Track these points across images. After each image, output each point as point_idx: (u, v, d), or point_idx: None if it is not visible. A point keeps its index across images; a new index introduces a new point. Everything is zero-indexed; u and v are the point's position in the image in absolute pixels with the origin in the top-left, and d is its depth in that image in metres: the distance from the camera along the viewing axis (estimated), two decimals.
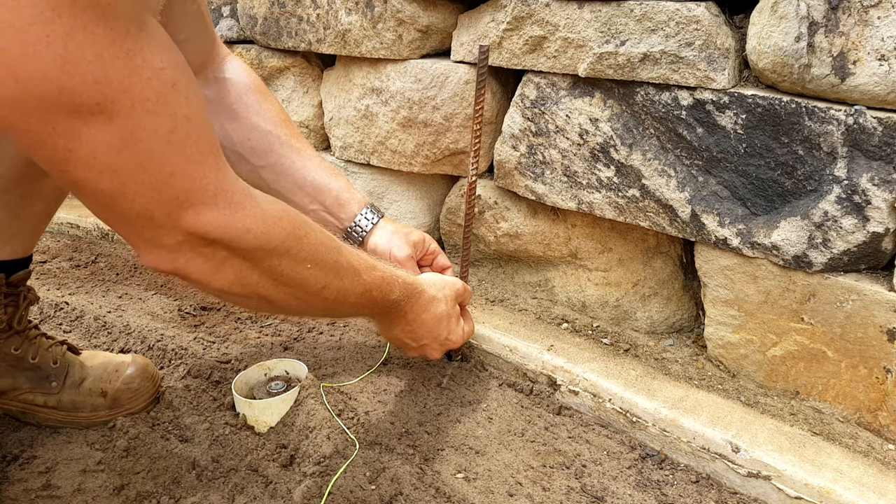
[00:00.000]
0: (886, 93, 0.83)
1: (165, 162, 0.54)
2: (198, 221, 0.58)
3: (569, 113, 1.11)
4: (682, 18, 0.94)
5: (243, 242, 0.61)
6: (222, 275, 0.63)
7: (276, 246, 0.65)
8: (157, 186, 0.54)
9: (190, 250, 0.60)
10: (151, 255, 0.60)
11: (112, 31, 0.48)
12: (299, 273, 0.69)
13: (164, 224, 0.57)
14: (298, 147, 1.02)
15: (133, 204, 0.55)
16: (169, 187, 0.55)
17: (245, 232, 0.61)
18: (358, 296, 0.78)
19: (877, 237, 0.88)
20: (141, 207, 0.55)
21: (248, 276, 0.65)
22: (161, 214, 0.56)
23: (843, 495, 0.81)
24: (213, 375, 1.08)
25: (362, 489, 0.85)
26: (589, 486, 0.89)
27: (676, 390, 1.02)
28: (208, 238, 0.59)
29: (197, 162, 0.57)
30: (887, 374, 0.91)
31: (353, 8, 1.28)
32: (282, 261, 0.66)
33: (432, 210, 1.47)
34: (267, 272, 0.66)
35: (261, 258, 0.64)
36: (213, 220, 0.58)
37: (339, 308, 0.80)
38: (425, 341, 0.95)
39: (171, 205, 0.56)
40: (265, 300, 0.70)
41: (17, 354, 0.91)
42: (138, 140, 0.52)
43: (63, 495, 0.82)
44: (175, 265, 0.60)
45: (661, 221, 1.07)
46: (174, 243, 0.58)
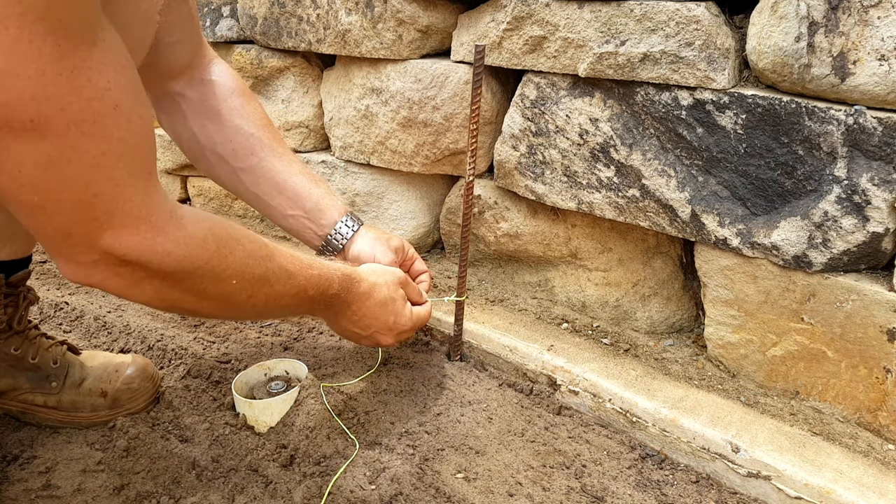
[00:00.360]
0: (886, 93, 0.83)
1: (90, 184, 0.54)
2: (115, 243, 0.57)
3: (569, 113, 1.11)
4: (682, 18, 0.94)
5: (163, 266, 0.61)
6: (140, 291, 0.63)
7: (197, 267, 0.64)
8: (77, 207, 0.54)
9: (106, 269, 0.59)
10: (67, 268, 0.60)
11: (59, 48, 0.47)
12: (223, 289, 0.69)
13: (81, 243, 0.57)
14: (280, 151, 1.02)
15: (52, 220, 0.55)
16: (90, 208, 0.55)
17: (165, 256, 0.61)
18: (292, 297, 0.79)
19: (877, 237, 0.88)
20: (59, 224, 0.55)
21: (168, 293, 0.65)
22: (78, 233, 0.56)
23: (843, 495, 0.81)
24: (213, 375, 1.08)
25: (362, 489, 0.85)
26: (589, 486, 0.89)
27: (676, 390, 1.02)
28: (125, 259, 0.59)
29: (123, 185, 0.56)
30: (887, 374, 0.91)
31: (353, 8, 1.28)
32: (203, 280, 0.66)
33: (432, 210, 1.47)
34: (188, 290, 0.66)
35: (181, 279, 0.64)
36: (132, 244, 0.58)
37: (273, 310, 0.81)
38: (373, 328, 0.94)
39: (90, 225, 0.56)
40: (189, 312, 0.72)
41: (17, 354, 0.91)
42: (66, 160, 0.51)
43: (63, 495, 0.82)
44: (91, 280, 0.60)
45: (661, 221, 1.07)
46: (89, 261, 0.58)
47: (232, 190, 1.06)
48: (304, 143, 1.56)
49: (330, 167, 1.49)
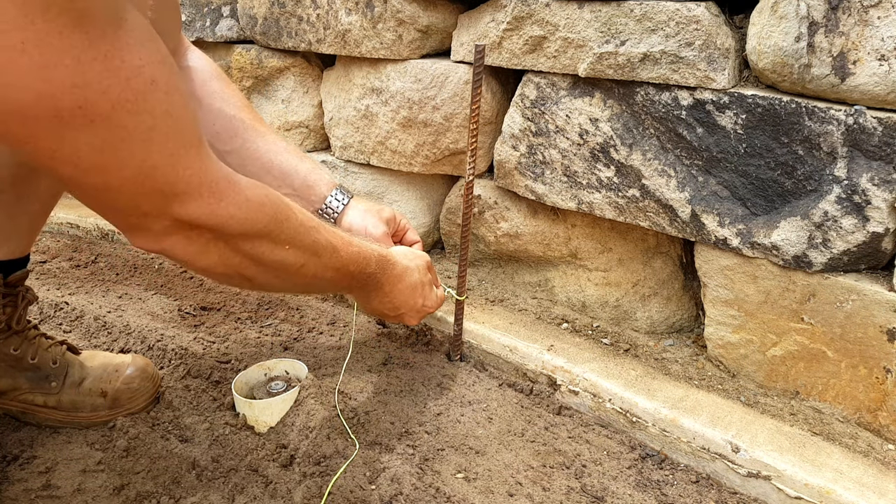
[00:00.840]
0: (886, 93, 0.83)
1: (147, 158, 0.56)
2: (183, 211, 0.60)
3: (569, 113, 1.11)
4: (682, 18, 0.94)
5: (227, 228, 0.64)
6: (207, 256, 0.66)
7: (258, 230, 0.68)
8: (140, 180, 0.56)
9: (176, 233, 0.62)
10: (140, 238, 0.63)
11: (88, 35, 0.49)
12: (279, 255, 0.72)
13: (151, 213, 0.60)
14: (263, 131, 1.04)
15: (120, 197, 0.57)
16: (152, 180, 0.57)
17: (229, 218, 0.64)
18: (336, 270, 0.81)
19: (877, 237, 0.88)
20: (128, 200, 0.58)
21: (230, 257, 0.68)
22: (147, 205, 0.59)
23: (843, 495, 0.81)
24: (213, 375, 1.08)
25: (362, 489, 0.85)
26: (589, 486, 0.89)
27: (676, 390, 1.02)
28: (194, 224, 0.62)
29: (178, 155, 0.58)
30: (887, 374, 0.91)
31: (353, 8, 1.28)
32: (262, 244, 0.69)
33: (432, 210, 1.47)
34: (248, 255, 0.69)
35: (243, 242, 0.67)
36: (198, 209, 0.61)
37: (318, 283, 0.83)
38: (403, 310, 0.98)
39: (156, 196, 0.58)
40: (247, 279, 0.73)
41: (16, 355, 0.91)
42: (119, 139, 0.53)
43: (63, 495, 0.82)
44: (162, 246, 0.63)
45: (661, 221, 1.07)
46: (161, 228, 0.61)
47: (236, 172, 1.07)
48: (304, 143, 1.56)
49: (330, 167, 1.49)
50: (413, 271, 0.98)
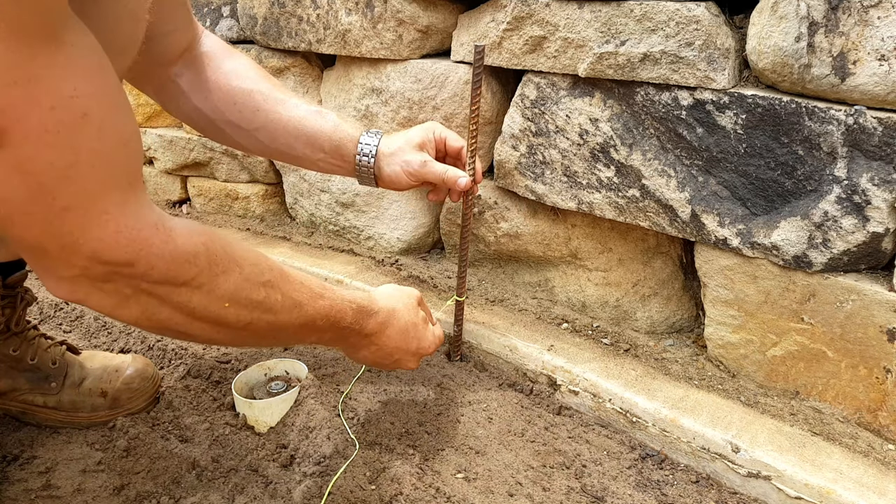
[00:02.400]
0: (886, 93, 0.83)
1: (59, 196, 0.50)
2: (94, 258, 0.54)
3: (569, 113, 1.11)
4: (682, 18, 0.94)
5: (146, 279, 0.58)
6: (127, 310, 0.60)
7: (184, 282, 0.60)
8: (48, 220, 0.51)
9: (89, 285, 0.56)
10: (50, 283, 0.57)
11: (14, 54, 0.44)
12: (215, 311, 0.64)
13: (58, 257, 0.54)
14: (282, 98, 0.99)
15: (25, 234, 0.52)
16: (61, 222, 0.51)
17: (148, 269, 0.57)
18: (299, 327, 0.74)
19: (877, 237, 0.88)
20: (32, 239, 0.53)
21: (156, 311, 0.61)
22: (54, 248, 0.53)
23: (843, 495, 0.81)
24: (213, 375, 1.08)
25: (362, 489, 0.85)
26: (589, 486, 0.89)
27: (676, 390, 1.02)
28: (106, 275, 0.56)
29: (97, 197, 0.53)
30: (887, 374, 0.91)
31: (353, 8, 1.28)
32: (192, 297, 0.62)
33: (432, 210, 1.46)
34: (178, 308, 0.62)
35: (167, 294, 0.60)
36: (110, 257, 0.55)
37: (278, 339, 0.77)
38: (397, 356, 0.91)
39: (64, 239, 0.52)
40: (182, 334, 0.66)
41: (15, 355, 0.91)
42: (29, 172, 0.48)
43: (63, 495, 0.82)
44: (75, 297, 0.57)
45: (661, 221, 1.07)
46: (70, 276, 0.55)
47: (261, 154, 1.05)
48: None
49: None
50: (401, 313, 0.90)
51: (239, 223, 1.75)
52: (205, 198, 1.83)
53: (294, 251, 1.52)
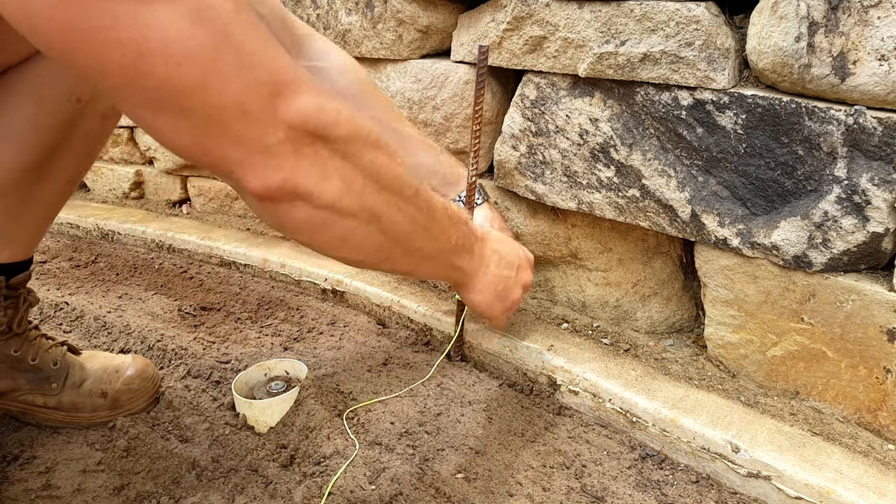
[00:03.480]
0: (886, 93, 0.83)
1: (241, 42, 0.49)
2: (292, 108, 0.52)
3: (569, 113, 1.11)
4: (682, 18, 0.94)
5: (339, 129, 0.56)
6: (329, 181, 0.57)
7: (367, 133, 0.59)
8: (240, 70, 0.49)
9: (293, 151, 0.54)
10: (257, 169, 0.53)
11: None
12: (394, 170, 0.63)
13: (261, 117, 0.51)
14: (407, 133, 0.99)
15: (222, 96, 0.49)
16: (253, 70, 0.50)
17: (337, 115, 0.56)
18: (442, 210, 0.73)
19: (877, 237, 0.88)
20: (232, 99, 0.50)
21: (353, 178, 0.59)
22: (254, 103, 0.51)
23: (843, 495, 0.81)
24: (213, 375, 1.08)
25: (362, 489, 0.85)
26: (589, 486, 0.89)
27: (676, 390, 1.02)
28: (307, 128, 0.54)
29: (270, 44, 0.52)
30: (887, 374, 0.91)
31: (353, 8, 1.28)
32: (378, 154, 0.61)
33: None
34: (367, 170, 0.60)
35: (357, 152, 0.59)
36: (306, 104, 0.53)
37: (433, 229, 0.73)
38: (517, 262, 0.90)
39: (261, 90, 0.51)
40: (373, 217, 0.63)
41: (17, 356, 0.91)
42: (207, 19, 0.47)
43: (63, 495, 0.82)
44: (282, 174, 0.54)
45: (661, 221, 1.07)
46: (276, 142, 0.53)
47: None
48: None
49: None
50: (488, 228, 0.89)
51: (239, 223, 1.75)
52: (205, 198, 1.83)
53: (294, 251, 1.52)
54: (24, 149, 0.81)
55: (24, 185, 0.83)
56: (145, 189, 1.96)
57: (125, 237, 1.70)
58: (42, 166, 0.83)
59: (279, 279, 1.47)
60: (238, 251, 1.53)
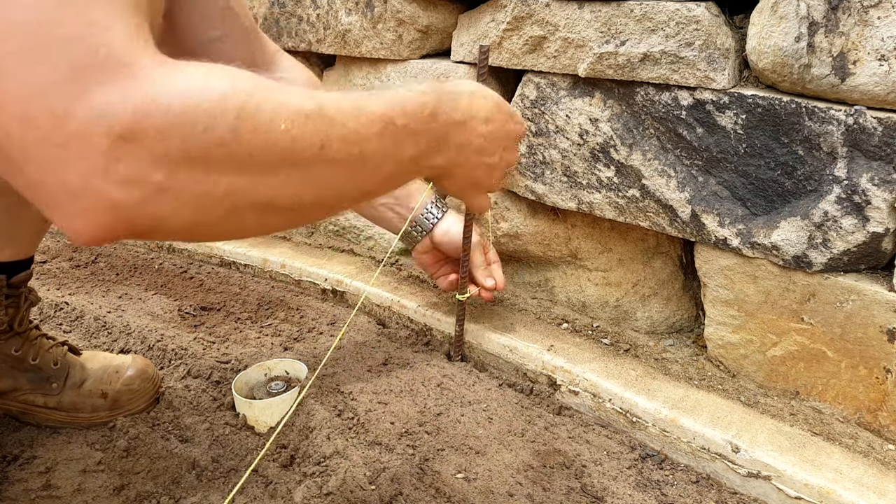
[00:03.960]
0: (886, 93, 0.83)
1: (57, 20, 0.38)
2: (93, 104, 0.38)
3: (569, 113, 1.11)
4: (682, 18, 0.94)
5: (161, 126, 0.39)
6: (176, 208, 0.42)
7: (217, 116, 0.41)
8: (29, 56, 0.37)
9: (107, 179, 0.39)
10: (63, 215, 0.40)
11: None
12: (275, 141, 0.44)
13: (51, 130, 0.37)
14: None
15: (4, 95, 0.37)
16: (59, 54, 0.38)
17: (166, 110, 0.39)
18: (380, 135, 0.53)
19: (877, 237, 0.88)
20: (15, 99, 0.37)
21: (211, 187, 0.43)
22: (39, 109, 0.37)
23: (843, 495, 0.81)
24: (213, 375, 1.08)
25: (362, 489, 0.85)
26: (589, 486, 0.89)
27: (676, 390, 1.02)
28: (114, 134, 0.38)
29: (102, 26, 0.39)
30: (887, 374, 0.91)
31: (353, 8, 1.28)
32: (239, 136, 0.42)
33: None
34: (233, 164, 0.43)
35: (207, 144, 0.41)
36: (115, 97, 0.38)
37: (368, 167, 0.54)
38: (502, 143, 0.71)
39: (53, 90, 0.37)
40: (261, 209, 0.47)
41: (17, 356, 0.91)
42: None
43: (63, 495, 0.82)
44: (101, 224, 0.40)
45: (661, 222, 1.07)
46: (81, 173, 0.38)
47: None
48: None
49: None
50: (478, 90, 0.69)
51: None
52: None
53: (294, 251, 1.52)
54: None
55: None
56: None
57: None
58: None
59: (279, 279, 1.47)
60: (238, 251, 1.53)
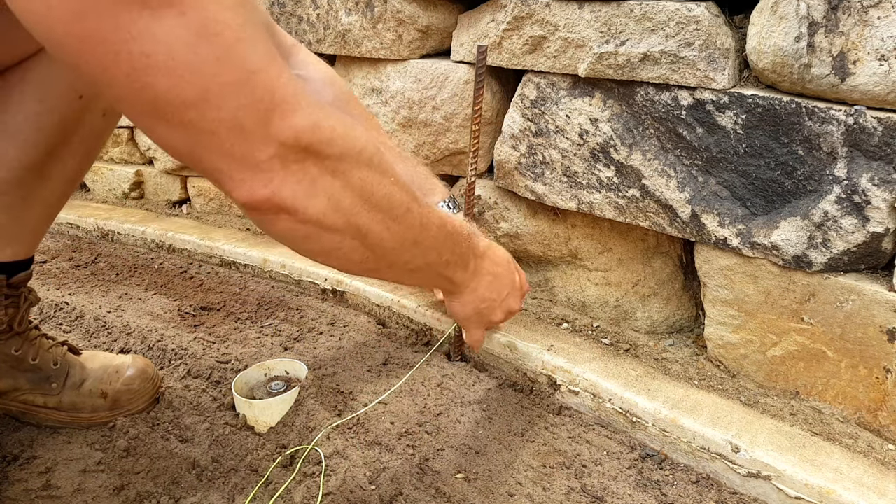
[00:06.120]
0: (886, 93, 0.83)
1: (245, 57, 0.50)
2: (286, 125, 0.53)
3: (569, 113, 1.11)
4: (682, 18, 0.94)
5: (331, 147, 0.57)
6: (315, 199, 0.58)
7: (360, 151, 0.60)
8: (240, 86, 0.50)
9: (282, 168, 0.55)
10: (245, 182, 0.55)
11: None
12: (386, 187, 0.64)
13: (255, 134, 0.52)
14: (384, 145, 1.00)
15: (220, 112, 0.50)
16: (252, 87, 0.51)
17: (332, 132, 0.57)
18: (438, 226, 0.73)
19: (877, 237, 0.88)
20: (229, 115, 0.51)
21: (341, 197, 0.60)
22: (250, 121, 0.52)
23: (843, 495, 0.81)
24: (213, 375, 1.08)
25: (362, 489, 0.85)
26: (589, 486, 0.89)
27: (676, 390, 1.02)
28: (299, 146, 0.55)
29: (270, 60, 0.52)
30: (887, 374, 0.91)
31: (353, 8, 1.28)
32: (369, 173, 0.62)
33: None
34: (357, 189, 0.61)
35: (348, 170, 0.60)
36: (302, 121, 0.54)
37: (423, 245, 0.73)
38: (507, 290, 0.90)
39: (258, 107, 0.52)
40: (359, 234, 0.64)
41: (17, 355, 0.91)
42: (213, 34, 0.48)
43: (63, 495, 0.82)
44: (270, 188, 0.55)
45: (661, 221, 1.07)
46: (266, 158, 0.54)
47: None
48: None
49: None
50: (494, 244, 0.89)
51: (239, 223, 1.75)
52: (205, 198, 1.83)
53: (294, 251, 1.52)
54: (27, 147, 0.81)
55: (26, 184, 0.83)
56: (145, 189, 1.96)
57: (125, 237, 1.70)
58: (44, 164, 0.83)
59: (279, 279, 1.47)
60: (238, 251, 1.53)
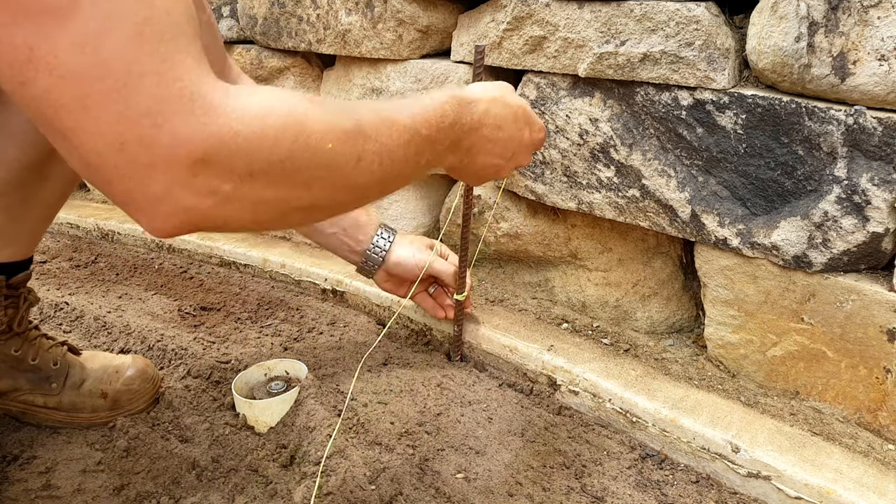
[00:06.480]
0: (886, 93, 0.83)
1: (135, 59, 0.44)
2: (175, 137, 0.45)
3: (569, 113, 1.11)
4: (682, 18, 0.94)
5: (238, 154, 0.48)
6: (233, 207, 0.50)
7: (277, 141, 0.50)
8: (123, 95, 0.43)
9: (182, 186, 0.46)
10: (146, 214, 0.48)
11: None
12: (323, 158, 0.54)
13: (140, 152, 0.45)
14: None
15: (99, 123, 0.44)
16: (137, 94, 0.44)
17: (234, 136, 0.47)
18: (406, 145, 0.63)
19: (877, 237, 0.88)
20: (109, 128, 0.44)
21: (266, 193, 0.51)
22: (133, 140, 0.44)
23: (843, 495, 0.81)
24: (213, 375, 1.08)
25: (362, 489, 0.85)
26: (589, 486, 0.89)
27: (676, 390, 1.02)
28: (193, 159, 0.46)
29: (172, 62, 0.46)
30: (887, 374, 0.91)
31: (353, 8, 1.28)
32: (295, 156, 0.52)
33: (432, 210, 1.47)
34: (286, 180, 0.52)
35: (270, 167, 0.50)
36: (191, 130, 0.45)
37: (392, 172, 0.63)
38: (513, 149, 0.80)
39: (143, 122, 0.44)
40: (305, 210, 0.57)
41: (17, 356, 0.91)
42: (107, 30, 0.43)
43: (63, 495, 0.82)
44: (176, 219, 0.48)
45: (661, 221, 1.07)
46: (163, 186, 0.46)
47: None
48: None
49: None
50: (499, 98, 0.78)
51: None
52: None
53: (294, 251, 1.52)
54: (27, 147, 0.81)
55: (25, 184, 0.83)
56: None
57: (125, 237, 1.70)
58: (44, 164, 0.83)
59: (279, 279, 1.47)
60: (238, 251, 1.53)
